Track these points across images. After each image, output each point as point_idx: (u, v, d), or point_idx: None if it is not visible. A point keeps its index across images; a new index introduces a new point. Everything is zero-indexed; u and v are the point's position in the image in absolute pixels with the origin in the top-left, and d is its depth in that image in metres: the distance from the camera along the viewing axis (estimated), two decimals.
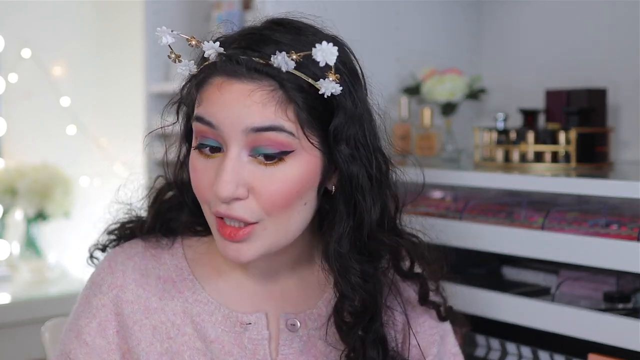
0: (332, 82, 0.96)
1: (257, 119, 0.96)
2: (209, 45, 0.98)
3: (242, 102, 0.96)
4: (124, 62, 3.05)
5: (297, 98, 0.97)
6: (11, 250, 2.92)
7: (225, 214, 0.98)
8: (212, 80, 0.99)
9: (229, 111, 0.97)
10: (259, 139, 0.96)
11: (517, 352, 1.48)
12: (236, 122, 0.96)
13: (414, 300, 1.17)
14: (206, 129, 0.99)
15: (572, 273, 1.51)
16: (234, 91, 0.96)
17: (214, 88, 0.98)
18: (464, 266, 1.69)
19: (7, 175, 2.88)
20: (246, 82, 0.96)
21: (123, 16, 3.06)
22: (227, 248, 1.01)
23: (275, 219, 1.00)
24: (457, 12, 2.24)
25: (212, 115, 0.98)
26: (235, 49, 0.99)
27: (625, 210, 1.41)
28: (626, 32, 1.89)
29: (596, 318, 1.33)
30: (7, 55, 2.93)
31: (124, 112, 3.02)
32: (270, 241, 1.01)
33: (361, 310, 1.05)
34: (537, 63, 2.11)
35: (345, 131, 1.00)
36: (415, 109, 2.04)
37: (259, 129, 0.96)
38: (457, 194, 1.67)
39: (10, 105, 2.95)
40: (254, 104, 0.96)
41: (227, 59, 0.97)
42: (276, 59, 0.95)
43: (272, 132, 0.96)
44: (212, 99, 0.98)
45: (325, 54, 0.93)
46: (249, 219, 0.98)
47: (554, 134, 1.63)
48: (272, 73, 0.96)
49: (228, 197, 0.96)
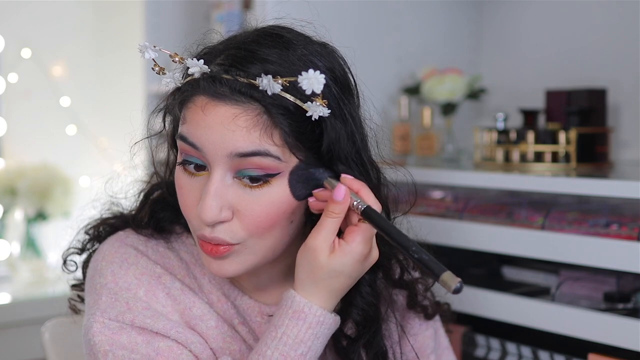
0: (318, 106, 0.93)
1: (241, 144, 0.93)
2: (192, 62, 0.95)
3: (226, 126, 0.93)
4: (124, 62, 3.05)
5: (283, 122, 0.93)
6: (11, 250, 2.91)
7: (209, 237, 0.96)
8: (195, 99, 0.96)
9: (213, 135, 0.93)
10: (243, 163, 0.94)
11: (517, 352, 1.48)
12: (220, 146, 0.93)
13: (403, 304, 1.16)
14: (190, 150, 0.96)
15: (572, 273, 1.51)
16: (217, 114, 0.93)
17: (197, 108, 0.95)
18: (464, 266, 1.70)
19: (7, 175, 2.87)
20: (230, 105, 0.93)
21: (123, 16, 3.06)
22: (211, 263, 0.99)
23: (259, 239, 0.97)
24: (457, 12, 2.24)
25: (195, 137, 0.95)
26: (219, 65, 0.95)
27: (625, 210, 1.41)
28: (626, 32, 1.89)
29: (596, 318, 1.33)
30: (7, 55, 2.93)
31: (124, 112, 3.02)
32: (254, 258, 0.99)
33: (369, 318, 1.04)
34: (537, 63, 2.11)
35: (337, 150, 0.97)
36: (415, 109, 2.04)
37: (243, 154, 0.93)
38: (457, 194, 1.67)
39: (10, 105, 2.95)
40: (238, 129, 0.93)
41: (210, 79, 0.94)
42: (262, 82, 0.92)
43: (257, 157, 0.93)
44: (195, 120, 0.95)
45: (311, 82, 0.90)
46: (230, 240, 0.96)
47: (554, 134, 1.63)
48: (257, 96, 0.93)
49: (212, 222, 0.94)
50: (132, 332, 0.99)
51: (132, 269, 1.03)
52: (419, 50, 2.16)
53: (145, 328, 0.99)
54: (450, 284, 0.86)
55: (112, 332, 0.99)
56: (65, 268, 1.15)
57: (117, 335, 0.99)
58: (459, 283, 0.86)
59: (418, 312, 1.17)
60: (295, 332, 0.94)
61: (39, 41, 2.97)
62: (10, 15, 2.92)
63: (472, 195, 1.64)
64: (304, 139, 0.95)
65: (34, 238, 2.90)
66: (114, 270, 1.03)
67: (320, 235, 0.94)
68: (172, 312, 1.02)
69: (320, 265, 0.94)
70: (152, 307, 1.01)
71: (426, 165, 1.78)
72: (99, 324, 1.00)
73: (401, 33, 2.14)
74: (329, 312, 0.96)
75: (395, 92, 2.09)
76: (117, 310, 1.00)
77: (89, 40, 3.09)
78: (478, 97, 2.04)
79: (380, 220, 0.94)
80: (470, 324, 1.56)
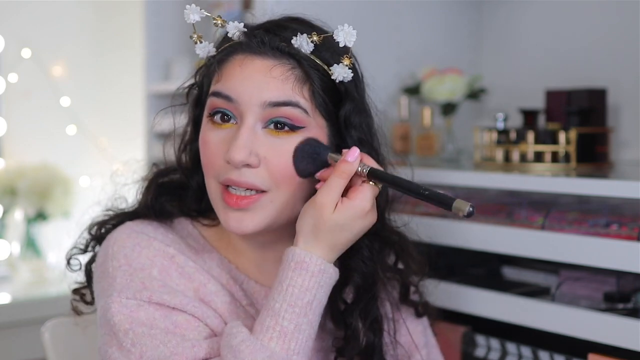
0: (345, 67, 1.02)
1: (275, 93, 1.01)
2: (233, 25, 1.05)
3: (262, 76, 1.01)
4: (124, 62, 3.05)
5: (313, 78, 1.03)
6: (11, 250, 2.92)
7: (236, 180, 1.02)
8: (233, 57, 1.04)
9: (249, 84, 1.01)
10: (274, 113, 1.01)
11: (517, 352, 1.48)
12: (255, 96, 1.01)
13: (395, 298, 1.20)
14: (222, 103, 1.03)
15: (572, 273, 1.51)
16: (255, 66, 1.02)
17: (235, 64, 1.03)
18: (464, 266, 1.70)
19: (7, 175, 2.88)
20: (267, 59, 1.02)
21: (123, 16, 3.06)
22: (230, 217, 1.03)
23: (282, 192, 1.03)
24: (457, 12, 2.24)
25: (231, 89, 1.02)
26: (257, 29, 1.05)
27: (625, 210, 1.41)
28: (626, 32, 1.89)
29: (596, 318, 1.33)
30: (7, 55, 2.93)
31: (124, 112, 3.02)
32: (274, 214, 1.04)
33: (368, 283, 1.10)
34: (537, 63, 2.11)
35: (353, 118, 1.06)
36: (415, 109, 2.04)
37: (276, 104, 1.01)
38: (457, 194, 1.67)
39: (10, 105, 2.95)
40: (273, 79, 1.01)
41: (251, 36, 1.04)
42: (297, 41, 1.02)
43: (288, 107, 1.01)
44: (232, 74, 1.03)
45: (346, 35, 1.00)
46: (260, 185, 1.02)
47: (554, 134, 1.63)
48: (292, 52, 1.02)
49: (241, 162, 1.00)
50: (149, 309, 1.02)
51: (145, 252, 1.07)
52: (419, 50, 2.16)
53: (162, 304, 1.03)
54: (463, 208, 0.94)
55: (131, 310, 1.02)
56: (69, 268, 1.17)
57: (135, 312, 1.02)
58: (470, 207, 0.94)
59: (409, 307, 1.21)
60: (299, 282, 0.99)
61: (39, 41, 2.97)
62: (10, 15, 2.93)
63: (472, 195, 1.64)
64: (328, 99, 1.04)
65: (34, 238, 2.90)
66: (127, 253, 1.07)
67: (328, 193, 1.00)
68: (186, 290, 1.06)
69: (324, 219, 1.00)
70: (167, 285, 1.05)
71: (426, 165, 1.78)
72: (116, 304, 1.03)
73: (401, 33, 2.14)
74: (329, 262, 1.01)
75: (395, 92, 2.09)
76: (133, 289, 1.03)
77: (89, 40, 3.09)
78: (478, 97, 2.04)
79: (386, 175, 1.02)
80: (470, 324, 1.56)
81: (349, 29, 1.00)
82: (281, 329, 0.97)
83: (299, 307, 0.98)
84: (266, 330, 0.97)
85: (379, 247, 1.13)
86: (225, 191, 1.03)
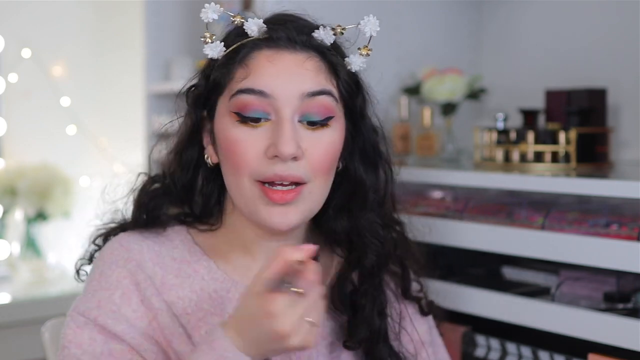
0: (360, 57, 1.06)
1: (310, 84, 1.04)
2: (253, 22, 1.04)
3: (297, 69, 1.03)
4: (124, 62, 3.05)
5: (338, 68, 1.06)
6: (11, 250, 2.92)
7: (283, 174, 1.02)
8: (259, 53, 1.04)
9: (285, 78, 1.03)
10: (310, 104, 1.04)
11: (517, 352, 1.48)
12: (292, 89, 1.03)
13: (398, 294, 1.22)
14: (253, 100, 1.03)
15: (572, 273, 1.51)
16: (286, 60, 1.04)
17: (262, 60, 1.04)
18: (464, 266, 1.69)
19: (7, 175, 2.88)
20: (297, 53, 1.04)
21: (123, 16, 3.06)
22: (273, 213, 1.04)
23: (319, 183, 1.06)
24: (457, 12, 2.24)
25: (264, 85, 1.03)
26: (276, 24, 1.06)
27: (625, 210, 1.41)
28: (626, 32, 1.89)
29: (596, 318, 1.33)
30: (7, 55, 2.93)
31: (124, 112, 3.02)
32: (312, 206, 1.07)
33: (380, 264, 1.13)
34: (537, 63, 2.11)
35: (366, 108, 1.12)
36: (415, 109, 2.04)
37: (313, 94, 1.03)
38: (457, 194, 1.67)
39: (10, 105, 2.95)
40: (306, 72, 1.04)
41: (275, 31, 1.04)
42: (320, 33, 1.05)
43: (323, 96, 1.04)
44: (261, 70, 1.03)
45: (372, 26, 1.05)
46: (303, 177, 1.04)
47: (554, 134, 1.63)
48: (315, 46, 1.05)
49: (292, 154, 1.01)
50: (94, 329, 1.05)
51: (117, 272, 1.08)
52: (419, 50, 2.16)
53: (105, 327, 1.04)
54: None
55: (77, 326, 1.05)
56: (77, 278, 1.20)
57: (80, 329, 1.05)
58: None
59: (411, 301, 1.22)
60: None
61: (39, 41, 2.97)
62: (10, 15, 2.93)
63: (472, 195, 1.64)
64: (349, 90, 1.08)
65: (34, 238, 2.90)
66: (103, 270, 1.09)
67: None
68: (141, 318, 1.06)
69: None
70: (121, 312, 1.06)
71: (426, 165, 1.78)
72: (70, 317, 1.07)
73: (401, 33, 2.14)
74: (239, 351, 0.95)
75: (395, 92, 2.09)
76: (87, 305, 1.06)
77: (89, 40, 3.09)
78: (478, 97, 2.04)
79: None
80: (470, 324, 1.56)
81: (373, 19, 1.05)
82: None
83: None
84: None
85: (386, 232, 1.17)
86: (265, 188, 1.03)
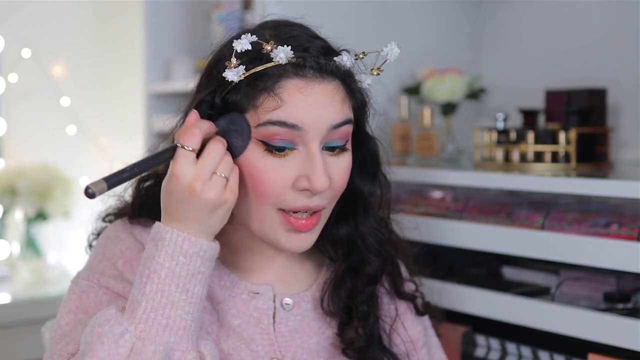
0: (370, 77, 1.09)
1: (337, 116, 1.04)
2: (282, 49, 1.01)
3: (328, 101, 1.03)
4: (124, 62, 3.05)
5: (355, 92, 1.08)
6: (11, 250, 2.92)
7: (313, 204, 1.04)
8: (286, 83, 1.02)
9: (316, 111, 1.02)
10: (334, 134, 1.05)
11: (517, 352, 1.48)
12: (322, 121, 1.03)
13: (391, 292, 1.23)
14: (283, 132, 1.02)
15: (572, 273, 1.51)
16: (318, 92, 1.03)
17: (292, 90, 1.02)
18: (464, 266, 1.70)
19: (7, 175, 2.87)
20: (325, 83, 1.04)
21: (123, 16, 3.06)
22: (294, 239, 1.06)
23: (331, 204, 1.09)
24: (457, 12, 2.24)
25: (296, 118, 1.01)
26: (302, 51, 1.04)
27: (625, 210, 1.41)
28: (626, 32, 1.89)
29: (596, 318, 1.33)
30: (7, 55, 2.93)
31: (124, 112, 3.02)
32: (323, 225, 1.09)
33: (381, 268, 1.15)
34: (537, 63, 2.11)
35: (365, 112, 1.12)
36: (415, 109, 2.04)
37: (338, 125, 1.04)
38: (457, 194, 1.67)
39: (10, 105, 2.95)
40: (335, 103, 1.04)
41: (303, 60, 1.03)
42: (342, 59, 1.05)
43: (345, 126, 1.06)
44: (294, 101, 1.02)
45: (393, 53, 1.08)
46: (325, 204, 1.06)
47: (554, 134, 1.63)
48: (336, 72, 1.05)
49: (326, 188, 1.03)
50: (99, 291, 1.07)
51: (120, 244, 1.12)
52: (419, 50, 2.16)
53: (108, 287, 1.07)
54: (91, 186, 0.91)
55: (82, 291, 1.08)
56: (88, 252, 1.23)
57: (85, 293, 1.07)
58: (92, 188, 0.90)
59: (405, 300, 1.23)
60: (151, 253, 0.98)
61: (39, 41, 2.97)
62: (10, 15, 2.92)
63: (472, 195, 1.64)
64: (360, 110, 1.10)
65: (34, 238, 2.90)
66: (107, 243, 1.13)
67: None
68: None
69: None
70: (124, 276, 1.08)
71: (426, 165, 1.78)
72: (73, 284, 1.10)
73: (401, 33, 2.14)
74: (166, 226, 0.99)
75: (395, 92, 2.09)
76: (91, 271, 1.09)
77: (89, 40, 3.09)
78: (478, 97, 2.04)
79: None
80: (470, 324, 1.56)
81: (394, 46, 1.07)
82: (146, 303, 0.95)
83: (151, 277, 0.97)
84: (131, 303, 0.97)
85: None
86: (289, 217, 1.05)
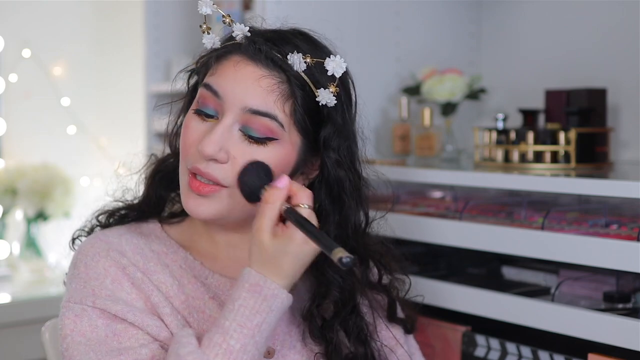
0: (330, 93, 1.07)
1: (257, 102, 1.06)
2: (239, 27, 1.10)
3: (250, 82, 1.07)
4: (124, 62, 3.05)
5: (298, 95, 1.08)
6: (11, 250, 2.91)
7: (202, 170, 1.07)
8: (231, 57, 1.10)
9: (237, 87, 1.07)
10: (252, 120, 1.07)
11: (517, 352, 1.48)
12: (239, 99, 1.07)
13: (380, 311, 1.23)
14: (210, 96, 1.09)
15: (572, 273, 1.51)
16: (247, 71, 1.07)
17: (230, 64, 1.09)
18: (464, 266, 1.70)
19: (7, 175, 2.87)
20: (260, 67, 1.07)
21: (123, 16, 3.06)
22: (190, 199, 1.09)
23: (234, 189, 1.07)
24: (457, 12, 2.24)
25: (220, 86, 1.08)
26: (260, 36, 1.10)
27: (625, 210, 1.41)
28: (626, 32, 1.89)
29: (596, 318, 1.33)
30: (7, 55, 2.93)
31: (124, 112, 3.02)
32: (228, 208, 1.09)
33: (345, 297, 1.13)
34: (537, 63, 2.11)
35: (333, 141, 1.11)
36: (415, 109, 2.04)
37: (255, 112, 1.06)
38: (457, 194, 1.67)
39: (10, 105, 2.95)
40: (259, 88, 1.07)
41: (251, 42, 1.09)
42: (292, 57, 1.07)
43: (265, 118, 1.07)
44: (225, 72, 1.09)
45: (335, 66, 1.06)
46: (222, 180, 1.07)
47: (554, 134, 1.63)
48: (284, 67, 1.07)
49: (209, 155, 1.06)
50: (92, 315, 1.07)
51: (102, 261, 1.12)
52: (419, 50, 2.16)
53: (105, 310, 1.07)
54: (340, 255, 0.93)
55: (75, 315, 1.08)
56: (72, 247, 1.23)
57: (79, 318, 1.07)
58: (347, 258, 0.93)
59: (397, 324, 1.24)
60: (251, 303, 1.01)
61: (39, 41, 2.97)
62: (10, 15, 2.92)
63: (472, 195, 1.64)
64: (309, 119, 1.09)
65: (34, 238, 2.90)
66: (87, 262, 1.12)
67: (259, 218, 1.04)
68: (136, 299, 1.10)
69: (265, 245, 1.03)
70: (116, 295, 1.09)
71: (426, 165, 1.78)
72: (64, 308, 1.09)
73: (401, 33, 2.14)
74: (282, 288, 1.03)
75: (395, 92, 2.09)
76: (82, 294, 1.09)
77: (89, 40, 3.09)
78: (478, 97, 2.04)
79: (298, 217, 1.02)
80: (470, 324, 1.56)
81: (339, 60, 1.06)
82: (227, 346, 1.00)
83: (248, 328, 1.00)
84: (213, 346, 1.00)
85: None
86: (191, 177, 1.09)
